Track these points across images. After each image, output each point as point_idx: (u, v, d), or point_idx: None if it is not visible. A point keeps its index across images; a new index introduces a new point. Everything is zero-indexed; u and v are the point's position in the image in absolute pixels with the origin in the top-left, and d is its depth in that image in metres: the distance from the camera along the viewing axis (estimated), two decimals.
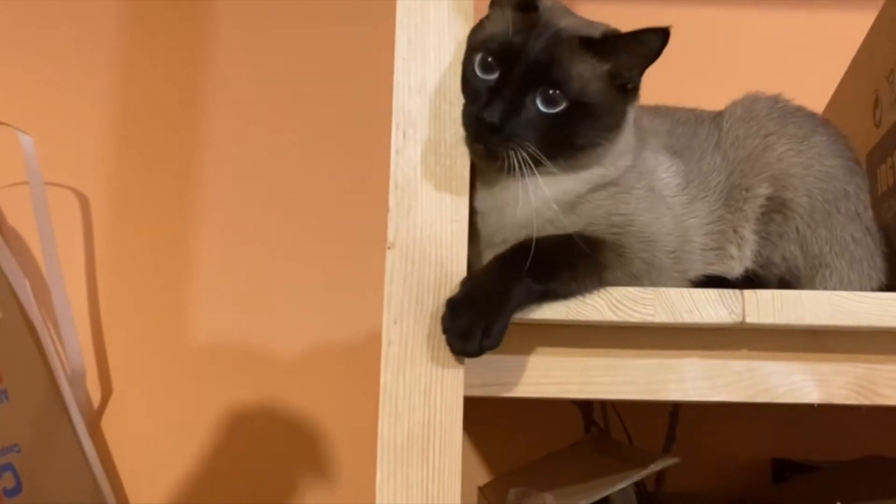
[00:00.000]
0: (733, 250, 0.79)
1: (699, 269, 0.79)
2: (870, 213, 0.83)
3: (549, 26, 0.71)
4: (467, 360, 0.67)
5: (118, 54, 1.49)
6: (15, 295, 1.31)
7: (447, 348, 0.66)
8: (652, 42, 0.70)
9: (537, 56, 0.69)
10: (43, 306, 1.37)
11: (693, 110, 0.91)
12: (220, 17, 1.49)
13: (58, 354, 1.35)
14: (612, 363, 0.72)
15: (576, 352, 0.72)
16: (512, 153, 0.68)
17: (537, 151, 0.68)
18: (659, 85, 1.43)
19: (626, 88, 0.73)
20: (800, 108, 0.86)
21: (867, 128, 1.03)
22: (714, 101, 1.42)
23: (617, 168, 0.74)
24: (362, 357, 1.35)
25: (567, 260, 0.69)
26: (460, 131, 0.70)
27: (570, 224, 0.72)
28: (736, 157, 0.82)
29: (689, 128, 0.85)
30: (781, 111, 0.83)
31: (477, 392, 0.70)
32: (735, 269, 0.80)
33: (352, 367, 1.36)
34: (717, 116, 0.87)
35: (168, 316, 1.42)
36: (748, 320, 0.68)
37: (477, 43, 0.71)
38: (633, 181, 0.75)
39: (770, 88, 1.44)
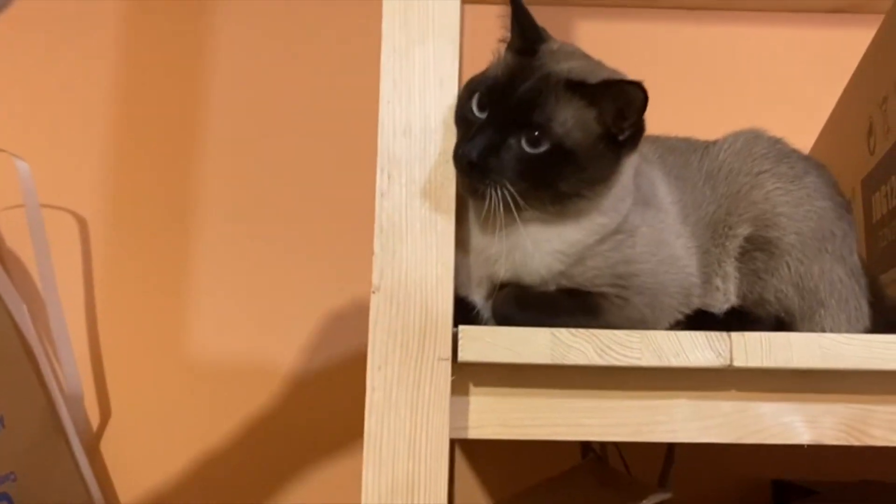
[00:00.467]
0: (718, 282, 0.80)
1: (695, 303, 0.79)
2: (855, 258, 0.82)
3: (542, 68, 0.72)
4: (451, 403, 0.67)
5: (115, 78, 1.49)
6: (12, 318, 1.31)
7: (433, 394, 0.66)
8: (631, 93, 0.69)
9: (522, 96, 0.70)
10: (41, 330, 1.37)
11: (684, 139, 0.90)
12: (218, 42, 1.50)
13: (55, 378, 1.35)
14: (600, 405, 0.71)
15: (563, 393, 0.71)
16: (491, 190, 0.68)
17: (519, 191, 0.68)
18: (659, 101, 1.45)
19: (618, 140, 0.72)
20: (796, 151, 0.85)
21: (862, 154, 1.02)
22: (711, 119, 1.42)
23: (619, 212, 0.74)
24: (363, 373, 1.35)
25: (568, 311, 0.71)
26: (446, 173, 0.70)
27: (577, 275, 0.72)
28: (726, 191, 0.81)
29: (680, 156, 0.85)
30: (778, 152, 0.83)
31: (460, 435, 0.69)
32: (720, 302, 0.80)
33: (354, 385, 1.35)
34: (711, 146, 0.87)
35: (167, 337, 1.42)
36: (736, 363, 0.68)
37: (474, 82, 0.73)
38: (638, 221, 0.75)
39: (768, 107, 1.46)
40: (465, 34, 1.50)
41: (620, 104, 0.70)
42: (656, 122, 0.99)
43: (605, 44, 1.49)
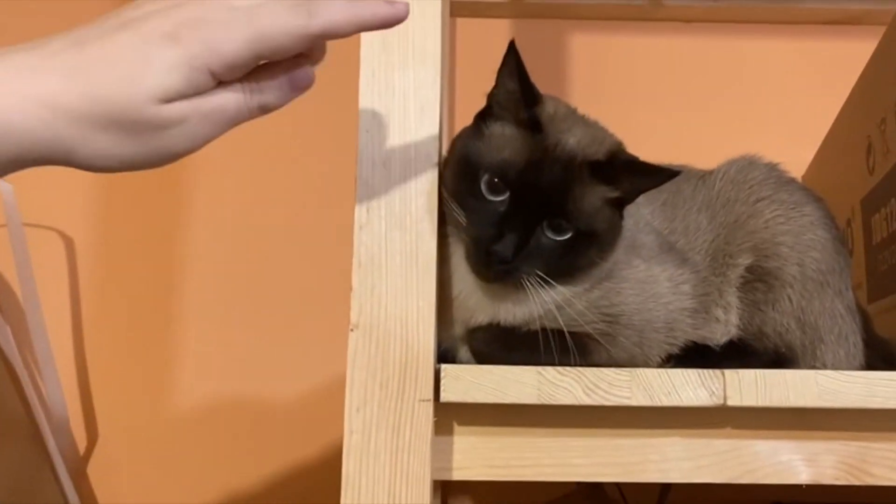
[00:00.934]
0: (719, 313, 0.77)
1: (688, 335, 0.77)
2: (851, 294, 0.80)
3: (561, 150, 0.69)
4: (434, 441, 0.65)
5: None
6: None
7: (414, 438, 0.63)
8: (659, 178, 0.69)
9: (551, 185, 0.68)
10: (25, 352, 1.34)
11: (681, 167, 0.87)
12: None
13: (40, 401, 1.33)
14: (589, 444, 0.69)
15: (550, 432, 0.68)
16: (522, 282, 0.68)
17: (543, 276, 0.67)
18: (655, 116, 1.43)
19: (624, 203, 0.72)
20: (794, 180, 0.83)
21: (861, 173, 1.00)
22: (707, 132, 1.41)
23: (611, 260, 0.73)
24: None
25: (555, 351, 0.69)
26: (427, 205, 0.67)
27: (563, 318, 0.70)
28: (725, 220, 0.79)
29: (672, 185, 0.82)
30: (777, 179, 0.81)
31: (444, 476, 0.67)
32: (719, 334, 0.77)
33: (337, 418, 1.34)
34: (706, 175, 0.84)
35: (155, 359, 1.40)
36: (730, 402, 0.65)
37: (484, 162, 0.69)
38: (623, 264, 0.73)
39: (764, 120, 1.44)
40: (458, 47, 1.49)
41: (639, 184, 0.70)
42: (652, 136, 0.97)
43: (600, 58, 1.49)
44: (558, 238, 0.67)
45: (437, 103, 0.68)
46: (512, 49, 0.69)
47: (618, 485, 1.14)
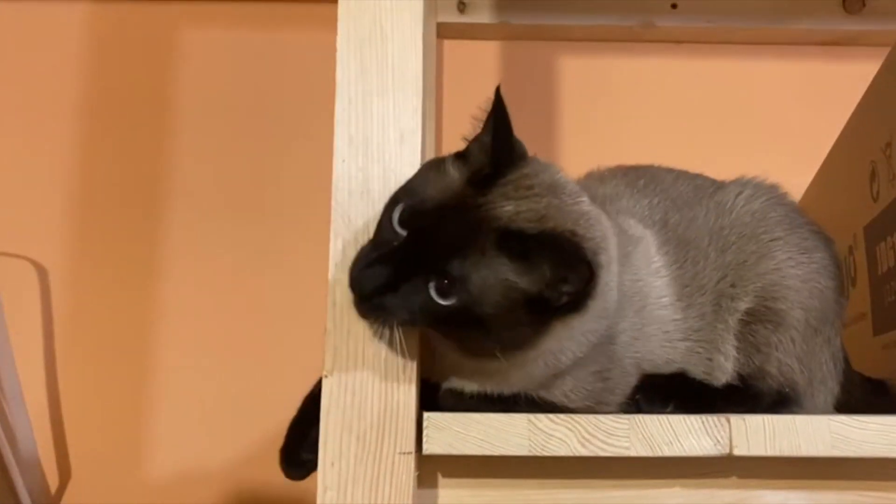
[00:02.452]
0: (720, 359, 0.73)
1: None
2: (839, 342, 0.78)
3: (481, 210, 0.60)
4: (417, 495, 0.59)
5: (78, 122, 1.43)
6: None
7: (393, 494, 0.58)
8: (572, 259, 0.58)
9: (445, 238, 0.59)
10: None
11: (692, 180, 0.82)
12: (183, 90, 1.44)
13: (8, 438, 1.27)
14: (583, 496, 0.64)
15: (543, 483, 0.64)
16: (380, 327, 0.60)
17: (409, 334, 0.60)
18: (647, 139, 1.40)
19: (552, 305, 0.60)
20: (809, 221, 0.80)
21: (864, 199, 0.96)
22: (702, 154, 1.37)
23: (558, 361, 0.64)
24: None
25: None
26: None
27: (564, 388, 0.65)
28: (734, 259, 0.75)
29: (686, 212, 0.77)
30: (792, 220, 0.77)
31: None
32: (720, 378, 0.73)
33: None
34: (721, 191, 0.79)
35: (130, 395, 1.35)
36: (736, 452, 0.60)
37: (406, 190, 0.62)
38: (623, 326, 0.68)
39: (759, 142, 1.41)
40: (445, 70, 1.45)
41: (560, 270, 0.58)
42: (644, 159, 0.93)
43: (591, 80, 1.46)
44: (440, 300, 0.58)
45: (419, 131, 0.64)
46: (497, 99, 0.61)
47: None
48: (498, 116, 0.61)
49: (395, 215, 0.60)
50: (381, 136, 0.64)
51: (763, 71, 1.45)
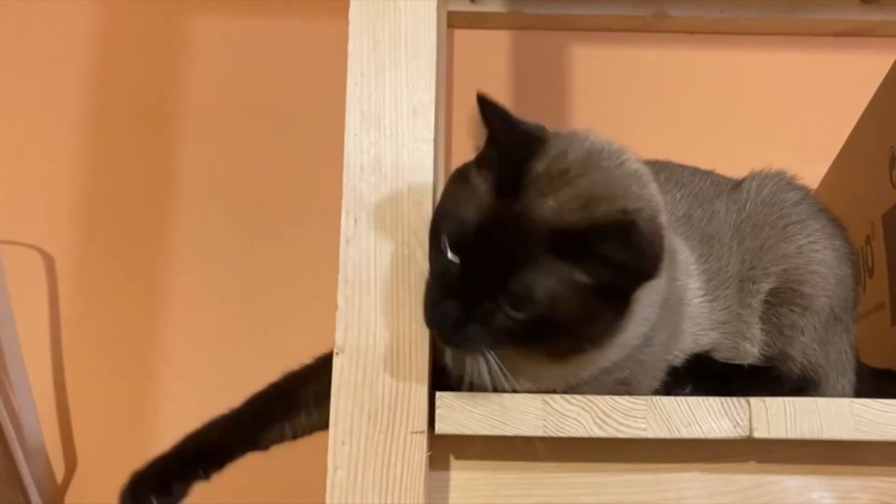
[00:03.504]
0: (747, 346, 0.72)
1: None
2: (855, 331, 0.77)
3: (524, 217, 0.57)
4: (428, 477, 0.58)
5: (84, 110, 1.43)
6: None
7: (405, 474, 0.56)
8: (627, 241, 0.56)
9: (496, 259, 0.56)
10: (1, 375, 1.29)
11: (708, 176, 0.81)
12: (191, 77, 1.44)
13: (14, 428, 1.27)
14: (598, 479, 0.62)
15: (557, 467, 0.62)
16: (480, 357, 0.58)
17: (503, 353, 0.58)
18: (660, 130, 1.38)
19: (619, 298, 0.59)
20: (826, 208, 0.78)
21: (882, 185, 0.94)
22: (716, 146, 1.37)
23: (629, 345, 0.62)
24: None
25: None
26: (421, 216, 0.61)
27: (589, 389, 0.63)
28: (751, 245, 0.74)
29: (707, 207, 0.77)
30: (809, 206, 0.76)
31: None
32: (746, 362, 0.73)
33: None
34: (737, 188, 0.79)
35: (137, 383, 1.34)
36: (756, 434, 0.59)
37: (445, 216, 0.59)
38: (659, 328, 0.65)
39: (774, 134, 1.39)
40: (455, 59, 1.44)
41: (624, 258, 0.55)
42: (656, 151, 0.92)
43: (603, 71, 1.45)
44: (517, 315, 0.56)
45: (433, 106, 0.63)
46: (482, 103, 0.58)
47: None
48: (491, 117, 0.58)
49: (444, 245, 0.58)
50: (393, 110, 0.62)
51: (778, 62, 1.44)
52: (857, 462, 0.63)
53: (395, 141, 0.62)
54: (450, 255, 0.57)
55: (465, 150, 0.65)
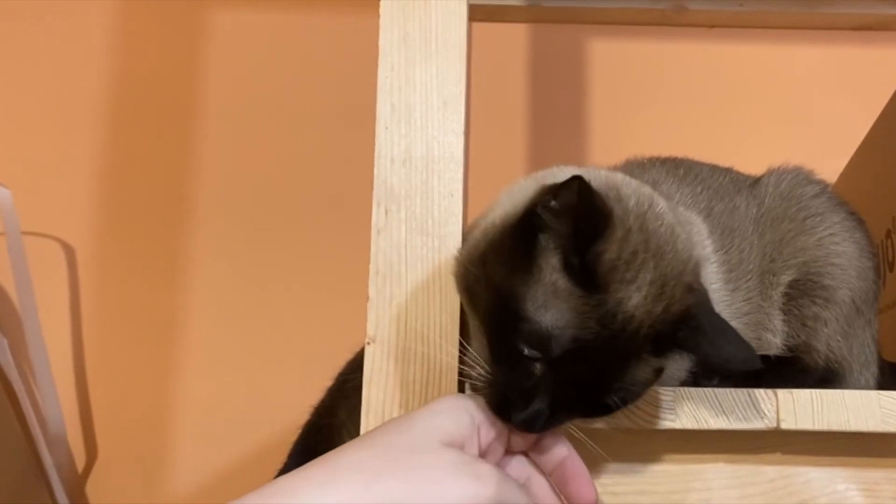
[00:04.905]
0: (769, 337, 0.73)
1: None
2: (876, 324, 0.77)
3: (623, 318, 0.54)
4: None
5: (104, 100, 1.44)
6: None
7: None
8: (735, 360, 0.56)
9: (601, 371, 0.54)
10: (22, 365, 1.30)
11: (727, 173, 0.82)
12: (211, 69, 1.45)
13: (37, 417, 1.29)
14: (625, 469, 0.63)
15: (584, 457, 0.62)
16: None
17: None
18: (678, 124, 1.39)
19: None
20: (845, 202, 0.79)
21: None
22: (734, 141, 1.37)
23: None
24: None
25: None
26: (450, 207, 0.62)
27: None
28: (771, 238, 0.75)
29: (728, 202, 0.77)
30: (828, 199, 0.77)
31: None
32: (770, 352, 0.73)
33: None
34: (756, 185, 0.79)
35: (157, 373, 1.35)
36: (783, 426, 0.59)
37: (523, 313, 0.54)
38: None
39: (792, 129, 1.39)
40: (474, 52, 1.45)
41: (692, 347, 0.57)
42: (675, 144, 0.93)
43: (621, 64, 1.45)
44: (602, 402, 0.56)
45: (462, 99, 0.64)
46: (575, 187, 0.53)
47: None
48: (579, 202, 0.53)
49: (520, 339, 0.54)
50: (423, 104, 0.63)
51: (796, 56, 1.43)
52: (883, 455, 0.63)
53: (426, 133, 0.63)
54: (527, 351, 0.54)
55: (482, 142, 0.66)
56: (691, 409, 0.60)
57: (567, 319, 0.53)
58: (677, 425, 0.60)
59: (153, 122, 1.43)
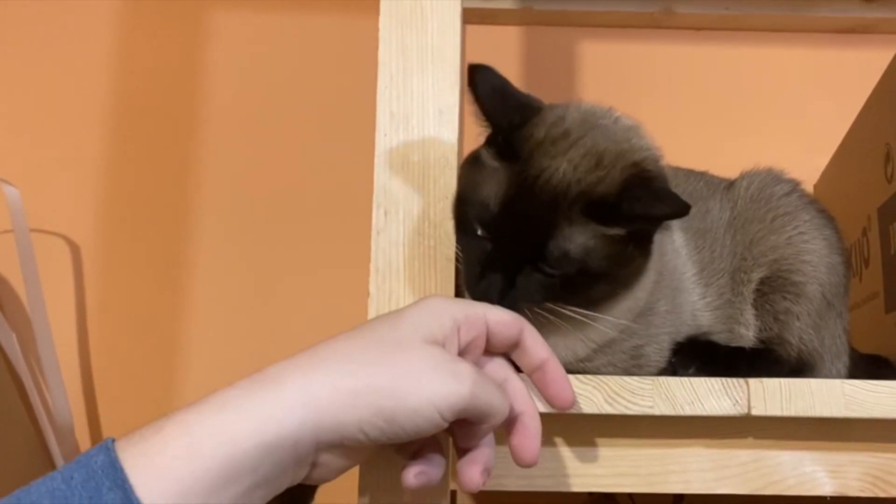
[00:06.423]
0: (742, 330, 0.77)
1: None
2: (847, 316, 0.81)
3: (544, 183, 0.60)
4: (451, 454, 0.63)
5: (110, 100, 1.46)
6: (0, 347, 1.28)
7: None
8: (673, 212, 0.62)
9: (529, 227, 0.60)
10: (30, 359, 1.33)
11: (702, 177, 0.86)
12: (215, 69, 1.47)
13: (45, 409, 1.32)
14: (607, 454, 0.67)
15: (568, 441, 0.67)
16: (528, 312, 0.62)
17: (553, 302, 0.62)
18: (666, 125, 1.42)
19: (643, 240, 0.64)
20: (815, 200, 0.83)
21: (878, 181, 0.98)
22: (720, 142, 1.40)
23: (646, 289, 0.68)
24: None
25: None
26: (446, 210, 0.66)
27: (600, 363, 0.68)
28: (742, 239, 0.78)
29: (701, 205, 0.81)
30: (798, 197, 0.80)
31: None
32: (744, 344, 0.77)
33: None
34: (730, 188, 0.83)
35: (161, 368, 1.38)
36: (754, 412, 0.64)
37: (467, 198, 0.63)
38: (658, 296, 0.70)
39: (777, 130, 1.43)
40: (467, 54, 1.48)
41: (648, 209, 0.61)
42: (663, 146, 0.96)
43: (611, 66, 1.48)
44: (557, 272, 0.60)
45: (456, 107, 0.68)
46: (470, 70, 0.62)
47: (630, 494, 1.12)
48: (474, 82, 0.62)
49: (475, 227, 0.62)
50: (420, 112, 0.67)
51: (781, 58, 1.46)
52: (848, 438, 0.67)
53: (423, 140, 0.67)
54: (480, 233, 0.61)
55: (476, 145, 0.70)
56: (668, 397, 0.64)
57: (496, 188, 0.61)
58: (656, 411, 0.64)
59: (157, 121, 1.45)
